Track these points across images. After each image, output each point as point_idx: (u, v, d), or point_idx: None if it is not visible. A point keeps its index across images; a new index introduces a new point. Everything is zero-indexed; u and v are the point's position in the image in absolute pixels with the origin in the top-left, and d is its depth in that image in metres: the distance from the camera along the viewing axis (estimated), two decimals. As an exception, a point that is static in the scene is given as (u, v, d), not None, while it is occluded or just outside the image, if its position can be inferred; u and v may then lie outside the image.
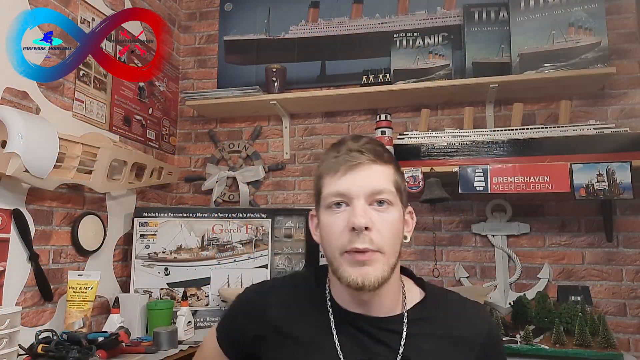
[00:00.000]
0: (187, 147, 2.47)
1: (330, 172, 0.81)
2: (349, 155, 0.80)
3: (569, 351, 1.55)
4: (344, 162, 0.79)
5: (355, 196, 0.78)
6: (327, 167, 0.82)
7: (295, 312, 0.87)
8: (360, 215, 0.76)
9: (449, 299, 0.91)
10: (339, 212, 0.79)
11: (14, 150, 1.29)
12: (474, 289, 1.92)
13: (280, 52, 2.38)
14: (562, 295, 1.86)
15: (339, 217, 0.79)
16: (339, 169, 0.79)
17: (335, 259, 0.79)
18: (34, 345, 1.31)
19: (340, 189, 0.79)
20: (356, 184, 0.78)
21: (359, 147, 0.80)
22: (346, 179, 0.79)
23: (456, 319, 0.86)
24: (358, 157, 0.79)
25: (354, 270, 0.77)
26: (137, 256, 1.92)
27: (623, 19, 2.06)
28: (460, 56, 2.15)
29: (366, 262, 0.76)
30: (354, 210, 0.77)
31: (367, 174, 0.79)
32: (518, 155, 1.87)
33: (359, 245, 0.76)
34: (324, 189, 0.82)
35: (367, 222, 0.76)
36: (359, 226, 0.75)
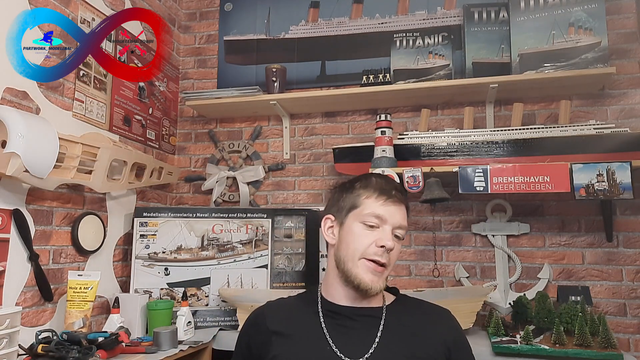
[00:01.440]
0: (187, 147, 2.47)
1: (378, 198, 1.02)
2: (394, 191, 1.03)
3: (569, 351, 1.55)
4: (391, 197, 1.02)
5: (389, 224, 1.01)
6: (375, 194, 1.02)
7: (288, 314, 1.07)
8: (390, 240, 0.99)
9: (420, 303, 1.11)
10: (371, 231, 1.01)
11: (14, 150, 1.29)
12: (474, 289, 1.91)
13: (280, 52, 2.38)
14: (562, 295, 1.86)
15: (371, 233, 1.00)
16: (387, 200, 1.01)
17: (353, 261, 1.00)
18: (34, 345, 1.31)
19: (381, 214, 1.01)
20: (394, 216, 1.02)
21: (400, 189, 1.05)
22: (388, 209, 1.01)
23: (426, 317, 1.05)
24: (399, 196, 1.03)
25: (368, 276, 0.99)
26: (137, 256, 1.92)
27: (623, 19, 2.06)
28: (460, 56, 2.15)
29: (378, 273, 0.99)
30: (386, 234, 1.00)
31: (400, 210, 1.03)
32: (518, 155, 1.87)
33: (381, 260, 0.99)
34: (366, 208, 1.02)
35: (392, 246, 0.99)
36: (389, 247, 0.99)
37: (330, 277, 1.07)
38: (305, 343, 0.99)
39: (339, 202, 1.07)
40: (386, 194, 1.02)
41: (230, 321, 1.91)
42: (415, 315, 1.05)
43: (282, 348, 0.99)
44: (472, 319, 1.76)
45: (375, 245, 0.99)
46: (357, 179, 1.08)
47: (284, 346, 1.00)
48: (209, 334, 1.80)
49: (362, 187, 1.05)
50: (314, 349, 0.97)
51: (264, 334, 1.03)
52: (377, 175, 1.10)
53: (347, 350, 0.96)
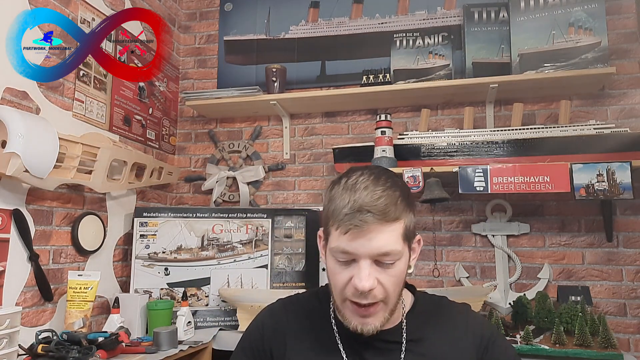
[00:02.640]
0: (187, 147, 2.47)
1: (339, 226, 0.78)
2: (360, 216, 0.76)
3: (569, 351, 1.55)
4: (352, 226, 0.76)
5: (362, 257, 0.77)
6: (336, 218, 0.78)
7: (305, 332, 0.91)
8: (365, 279, 0.76)
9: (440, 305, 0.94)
10: (347, 265, 0.79)
11: (14, 150, 1.29)
12: (474, 289, 1.91)
13: (280, 52, 2.38)
14: (562, 295, 1.86)
15: (345, 270, 0.79)
16: (348, 230, 0.76)
17: (339, 300, 0.83)
18: (34, 345, 1.31)
19: (347, 249, 0.77)
20: (363, 248, 0.76)
21: (370, 203, 0.76)
22: (352, 242, 0.77)
23: (449, 318, 0.91)
24: (366, 220, 0.75)
25: (354, 318, 0.81)
26: (137, 256, 1.92)
27: (623, 19, 2.06)
28: (460, 56, 2.15)
29: (368, 314, 0.80)
30: (360, 272, 0.76)
31: (375, 236, 0.76)
32: (518, 155, 1.87)
33: (362, 301, 0.78)
34: (332, 237, 0.80)
35: (371, 285, 0.76)
36: (362, 290, 0.76)
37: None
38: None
39: (324, 214, 0.86)
40: (350, 221, 0.76)
41: (230, 321, 1.91)
42: (437, 325, 0.89)
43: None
44: (472, 319, 1.75)
45: (351, 285, 0.78)
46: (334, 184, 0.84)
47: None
48: (209, 334, 1.80)
49: (331, 201, 0.82)
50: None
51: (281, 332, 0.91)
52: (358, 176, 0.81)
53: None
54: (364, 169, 0.84)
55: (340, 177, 0.85)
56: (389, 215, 0.77)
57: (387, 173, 0.84)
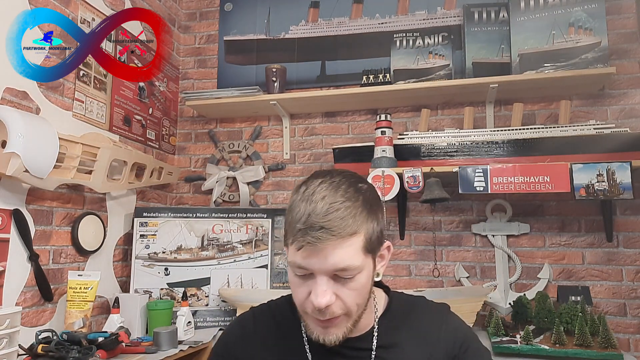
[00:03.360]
0: (187, 147, 2.47)
1: (291, 240, 0.75)
2: (312, 232, 0.71)
3: (569, 351, 1.55)
4: (305, 243, 0.72)
5: (317, 272, 0.74)
6: (291, 232, 0.75)
7: (275, 342, 0.88)
8: (321, 296, 0.73)
9: (414, 308, 0.91)
10: (305, 279, 0.76)
11: (14, 150, 1.29)
12: (474, 289, 1.91)
13: (280, 52, 2.38)
14: (562, 295, 1.86)
15: (304, 285, 0.76)
16: (301, 246, 0.73)
17: (301, 312, 0.80)
18: (34, 345, 1.31)
19: (302, 264, 0.74)
20: (319, 264, 0.73)
21: (324, 219, 0.71)
22: (307, 258, 0.73)
23: (423, 322, 0.87)
24: (319, 237, 0.71)
25: (316, 329, 0.78)
26: (137, 256, 1.92)
27: (623, 19, 2.06)
28: (460, 56, 2.15)
29: (330, 326, 0.77)
30: (316, 289, 0.73)
31: (331, 252, 0.72)
32: (518, 155, 1.87)
33: (321, 317, 0.75)
34: (289, 251, 0.77)
35: (328, 301, 0.73)
36: (319, 307, 0.73)
37: None
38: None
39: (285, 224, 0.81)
40: (301, 236, 0.72)
41: (230, 321, 1.91)
42: (410, 329, 0.87)
43: None
44: (472, 319, 1.76)
45: (309, 301, 0.75)
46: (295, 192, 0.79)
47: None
48: (209, 334, 1.80)
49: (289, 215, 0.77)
50: None
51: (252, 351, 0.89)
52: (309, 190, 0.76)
53: None
54: (326, 175, 0.79)
55: (303, 182, 0.80)
56: (345, 230, 0.72)
57: (350, 180, 0.78)
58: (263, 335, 0.89)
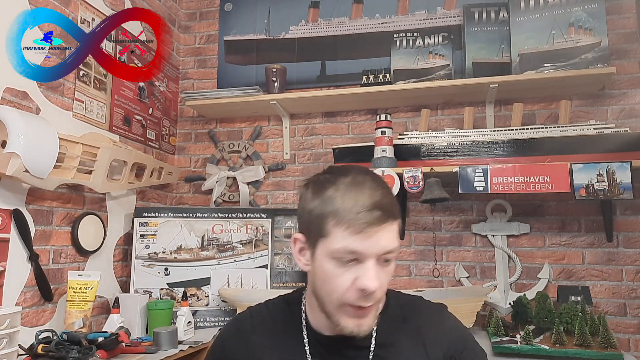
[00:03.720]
0: (187, 147, 2.47)
1: (349, 227, 0.74)
2: (370, 215, 0.74)
3: (569, 351, 1.55)
4: (366, 225, 0.73)
5: (368, 257, 0.75)
6: (344, 219, 0.74)
7: (273, 342, 0.88)
8: (374, 279, 0.74)
9: (412, 308, 0.92)
10: (349, 267, 0.75)
11: (14, 150, 1.29)
12: (474, 289, 1.91)
13: (280, 52, 2.38)
14: (562, 295, 1.86)
15: (347, 272, 0.75)
16: (362, 229, 0.73)
17: (332, 306, 0.79)
18: (34, 345, 1.31)
19: (356, 249, 0.74)
20: (373, 247, 0.74)
21: (380, 201, 0.75)
22: (364, 242, 0.74)
23: (421, 321, 0.88)
24: (380, 217, 0.74)
25: (351, 322, 0.78)
26: (137, 256, 1.92)
27: (623, 19, 2.06)
28: (460, 56, 2.15)
29: (364, 315, 0.78)
30: (367, 273, 0.74)
31: (383, 235, 0.75)
32: (518, 155, 1.87)
33: (364, 304, 0.76)
34: (335, 240, 0.75)
35: (379, 285, 0.75)
36: (373, 290, 0.74)
37: (312, 303, 0.86)
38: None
39: (308, 217, 0.81)
40: (362, 219, 0.73)
41: (230, 321, 1.91)
42: (408, 331, 0.87)
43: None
44: (472, 319, 1.76)
45: (354, 287, 0.75)
46: (325, 184, 0.80)
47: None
48: (209, 334, 1.80)
49: (329, 200, 0.77)
50: None
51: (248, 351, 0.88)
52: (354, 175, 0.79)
53: None
54: (353, 168, 0.82)
55: (329, 177, 0.81)
56: (395, 213, 0.77)
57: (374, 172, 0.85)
58: (261, 334, 0.89)
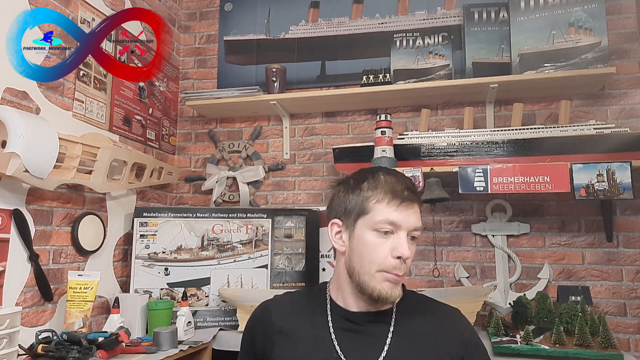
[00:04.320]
0: (187, 147, 2.47)
1: (390, 201, 0.92)
2: (408, 192, 0.93)
3: (569, 351, 1.55)
4: (403, 198, 0.92)
5: (404, 229, 0.92)
6: (386, 196, 0.93)
7: (295, 314, 1.01)
8: (407, 248, 0.91)
9: (429, 303, 1.04)
10: (386, 238, 0.92)
11: (14, 150, 1.29)
12: (474, 289, 1.91)
13: (280, 52, 2.38)
14: (562, 295, 1.86)
15: (386, 242, 0.92)
16: (400, 204, 0.92)
17: (370, 274, 0.92)
18: (34, 345, 1.31)
19: (395, 220, 0.91)
20: (408, 219, 0.92)
21: (412, 186, 0.96)
22: (403, 213, 0.92)
23: (437, 319, 0.99)
24: (413, 196, 0.94)
25: (386, 286, 0.92)
26: (137, 256, 1.92)
27: (623, 19, 2.06)
28: (460, 56, 2.15)
29: (396, 283, 0.93)
30: (402, 242, 0.91)
31: (414, 212, 0.94)
32: (518, 155, 1.87)
33: (400, 272, 0.92)
34: (378, 214, 0.92)
35: (409, 254, 0.92)
36: (406, 257, 0.91)
37: (341, 284, 0.99)
38: (311, 348, 0.94)
39: (346, 205, 0.97)
40: (399, 196, 0.92)
41: (230, 321, 1.91)
42: (425, 316, 0.99)
43: (286, 350, 0.95)
44: (472, 319, 1.75)
45: (391, 256, 0.91)
46: (363, 178, 0.97)
47: (288, 349, 0.95)
48: (209, 334, 1.80)
49: (370, 188, 0.95)
50: (320, 355, 0.93)
51: (269, 331, 0.99)
52: (385, 171, 0.98)
53: (355, 358, 0.92)
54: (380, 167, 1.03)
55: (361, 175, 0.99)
56: (419, 199, 0.97)
57: None
58: (282, 315, 1.01)
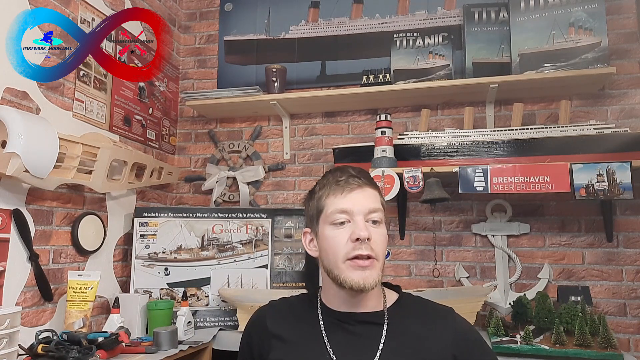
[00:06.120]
0: (187, 147, 2.47)
1: (335, 193, 0.97)
2: (351, 179, 0.97)
3: (569, 351, 1.55)
4: (347, 185, 0.97)
5: (357, 213, 0.94)
6: (331, 190, 0.98)
7: (290, 318, 1.03)
8: (363, 229, 0.92)
9: (423, 303, 1.04)
10: (343, 227, 0.95)
11: (14, 150, 1.29)
12: (474, 289, 1.91)
13: (280, 52, 2.38)
14: (562, 295, 1.86)
15: (343, 231, 0.94)
16: (344, 190, 0.96)
17: (338, 267, 0.94)
18: (34, 345, 1.31)
19: (345, 207, 0.95)
20: (358, 203, 0.95)
21: (356, 173, 0.99)
22: (350, 198, 0.96)
23: (430, 320, 0.99)
24: (357, 181, 0.97)
25: (356, 275, 0.92)
26: (137, 256, 1.92)
27: (623, 19, 2.06)
28: (460, 56, 2.15)
29: (367, 268, 0.92)
30: (357, 224, 0.93)
31: (365, 194, 0.97)
32: (518, 155, 1.87)
33: (362, 252, 0.92)
34: (328, 208, 0.97)
35: (368, 234, 0.92)
36: (363, 237, 0.91)
37: (326, 285, 1.02)
38: (304, 351, 0.96)
39: (309, 212, 1.04)
40: (342, 184, 0.97)
41: (230, 321, 1.91)
42: (418, 318, 0.99)
43: (281, 353, 0.97)
44: (472, 319, 1.75)
45: (350, 240, 0.92)
46: (317, 183, 1.05)
47: (283, 351, 0.97)
48: (209, 334, 1.80)
49: (321, 188, 1.01)
50: (313, 357, 0.94)
51: (264, 335, 1.01)
52: (334, 169, 1.04)
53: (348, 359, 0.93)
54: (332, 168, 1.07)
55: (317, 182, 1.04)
56: (371, 182, 1.00)
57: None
58: (276, 318, 1.04)
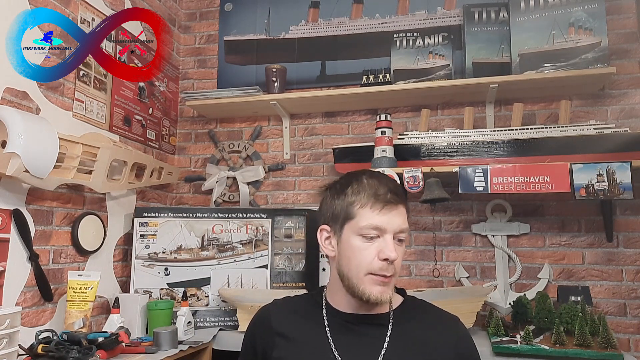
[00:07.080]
0: (187, 147, 2.47)
1: (372, 206, 0.94)
2: (390, 195, 0.94)
3: (569, 351, 1.55)
4: (386, 201, 0.94)
5: (389, 232, 0.94)
6: (369, 201, 0.95)
7: (293, 317, 1.03)
8: (393, 250, 0.92)
9: (428, 308, 1.05)
10: (372, 242, 0.94)
11: (14, 150, 1.29)
12: (474, 289, 1.91)
13: (280, 52, 2.38)
14: (562, 295, 1.86)
15: (372, 246, 0.94)
16: (383, 207, 0.94)
17: (359, 278, 0.94)
18: (34, 345, 1.31)
19: (379, 224, 0.93)
20: (393, 222, 0.94)
21: (394, 188, 0.97)
22: (385, 216, 0.94)
23: (435, 325, 1.00)
24: (395, 198, 0.95)
25: (376, 289, 0.93)
26: (137, 256, 1.92)
27: (623, 19, 2.06)
28: (460, 56, 2.15)
29: (386, 284, 0.94)
30: (388, 245, 0.93)
31: (399, 212, 0.95)
32: (518, 156, 1.87)
33: (387, 273, 0.93)
34: (362, 219, 0.94)
35: (395, 256, 0.92)
36: (392, 259, 0.92)
37: (334, 286, 1.01)
38: (308, 349, 0.96)
39: (332, 210, 1.00)
40: (382, 200, 0.94)
41: (230, 321, 1.91)
42: (423, 322, 1.00)
43: (285, 352, 0.97)
44: (472, 319, 1.76)
45: (378, 259, 0.92)
46: (348, 182, 1.00)
47: (286, 350, 0.97)
48: (209, 334, 1.80)
49: (354, 193, 0.97)
50: (317, 356, 0.95)
51: (268, 333, 1.01)
52: (369, 174, 1.00)
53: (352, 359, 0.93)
54: (364, 171, 1.02)
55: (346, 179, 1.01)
56: (404, 201, 0.98)
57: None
58: (280, 317, 1.03)
